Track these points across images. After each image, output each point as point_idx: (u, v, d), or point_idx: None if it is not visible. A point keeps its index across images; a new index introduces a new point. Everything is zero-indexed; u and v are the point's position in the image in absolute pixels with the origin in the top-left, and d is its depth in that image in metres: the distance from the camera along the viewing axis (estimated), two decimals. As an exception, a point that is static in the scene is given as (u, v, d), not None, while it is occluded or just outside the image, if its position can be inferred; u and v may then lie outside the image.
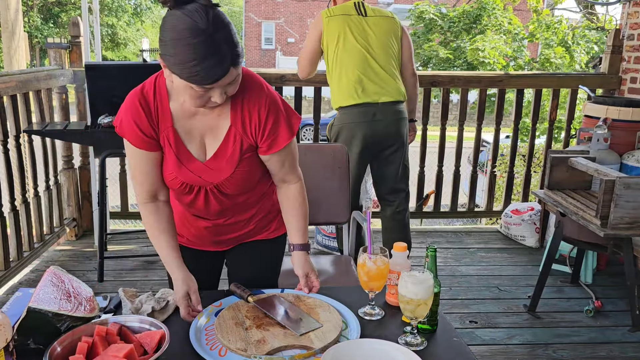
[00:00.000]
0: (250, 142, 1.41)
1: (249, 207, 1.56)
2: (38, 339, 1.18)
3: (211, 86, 1.23)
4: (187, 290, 1.39)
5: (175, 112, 1.38)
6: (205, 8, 1.19)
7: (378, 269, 1.35)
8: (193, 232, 1.61)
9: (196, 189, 1.45)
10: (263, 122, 1.39)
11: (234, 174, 1.42)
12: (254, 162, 1.45)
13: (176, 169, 1.41)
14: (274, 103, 1.40)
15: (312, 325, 1.28)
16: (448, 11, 11.57)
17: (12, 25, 7.03)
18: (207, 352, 1.22)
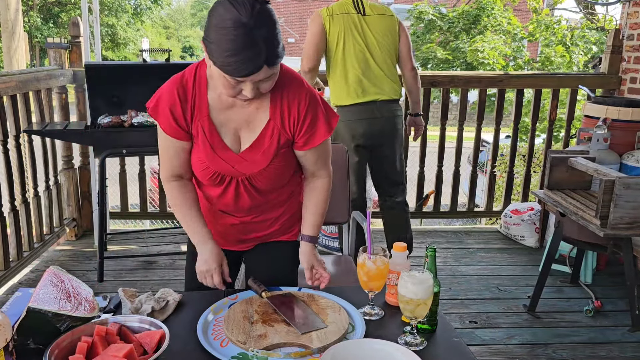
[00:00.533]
0: (287, 136, 1.42)
1: (278, 205, 1.57)
2: (38, 338, 1.18)
3: (242, 79, 1.24)
4: (220, 261, 1.46)
5: (212, 102, 1.39)
6: (253, 2, 1.20)
7: (378, 269, 1.36)
8: (219, 229, 1.60)
9: (227, 180, 1.45)
10: (302, 117, 1.40)
11: (268, 166, 1.43)
12: (289, 157, 1.47)
13: (209, 158, 1.41)
14: (313, 99, 1.41)
15: (316, 325, 1.29)
16: (448, 11, 11.57)
17: (12, 25, 7.04)
18: (210, 341, 1.25)
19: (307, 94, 1.40)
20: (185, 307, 1.41)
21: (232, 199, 1.49)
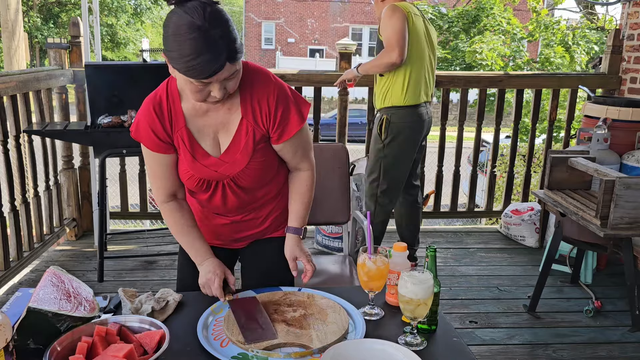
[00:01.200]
0: (262, 132, 1.44)
1: (266, 203, 1.59)
2: (38, 339, 1.18)
3: (208, 80, 1.26)
4: (222, 274, 1.47)
5: (187, 112, 1.42)
6: (204, 5, 1.23)
7: (378, 269, 1.36)
8: (211, 229, 1.62)
9: (213, 184, 1.48)
10: (273, 110, 1.42)
11: (249, 165, 1.45)
12: (269, 152, 1.48)
13: (192, 166, 1.44)
14: (282, 91, 1.43)
15: (265, 337, 1.25)
16: (448, 11, 11.58)
17: (12, 25, 7.04)
18: (210, 341, 1.25)
19: (275, 87, 1.43)
20: (185, 307, 1.41)
21: (220, 201, 1.52)
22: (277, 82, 1.44)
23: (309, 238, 3.74)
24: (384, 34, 2.80)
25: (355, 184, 3.41)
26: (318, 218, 2.31)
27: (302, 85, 3.63)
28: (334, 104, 16.18)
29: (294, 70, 3.57)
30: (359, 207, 3.41)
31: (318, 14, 25.38)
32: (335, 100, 8.13)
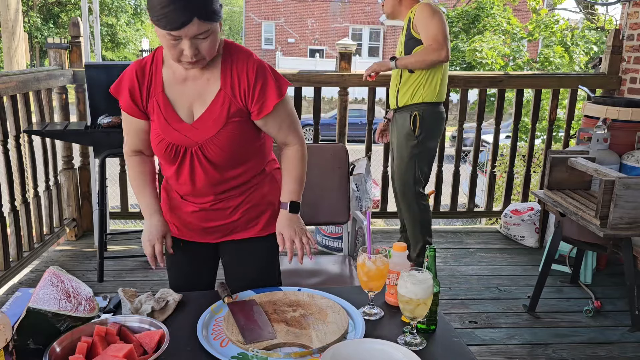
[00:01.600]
0: (239, 105, 1.45)
1: (236, 190, 1.56)
2: (38, 339, 1.18)
3: (177, 33, 1.31)
4: (164, 233, 1.56)
5: (166, 78, 1.47)
6: None
7: (377, 269, 1.36)
8: (182, 217, 1.62)
9: (181, 152, 1.48)
10: (252, 84, 1.44)
11: (218, 133, 1.45)
12: (242, 128, 1.48)
13: (163, 129, 1.47)
14: (261, 67, 1.46)
15: (263, 337, 1.25)
16: (448, 11, 11.58)
17: (12, 25, 7.04)
18: (210, 341, 1.25)
19: (255, 62, 1.45)
20: (185, 307, 1.41)
21: (188, 176, 1.51)
22: (257, 59, 1.47)
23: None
24: (428, 32, 2.81)
25: (355, 184, 3.41)
26: (318, 218, 2.31)
27: (302, 85, 3.63)
28: (334, 104, 16.18)
29: (294, 70, 3.57)
30: (359, 207, 3.41)
31: (318, 14, 25.38)
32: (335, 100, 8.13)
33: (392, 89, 3.07)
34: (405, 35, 2.93)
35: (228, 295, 1.41)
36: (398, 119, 3.04)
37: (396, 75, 3.02)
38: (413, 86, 2.93)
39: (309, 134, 14.21)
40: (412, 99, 2.94)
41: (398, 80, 3.00)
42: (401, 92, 2.99)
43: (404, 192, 3.08)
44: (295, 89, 3.64)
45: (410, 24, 2.89)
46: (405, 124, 2.98)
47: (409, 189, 3.05)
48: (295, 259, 1.54)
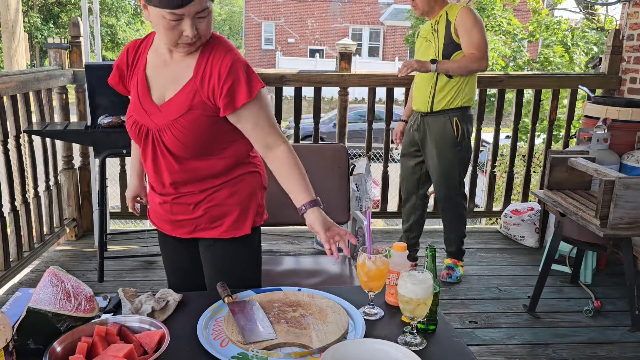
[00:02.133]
0: (202, 98, 1.45)
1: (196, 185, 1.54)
2: (38, 339, 1.18)
3: (181, 12, 1.32)
4: (136, 194, 1.81)
5: (150, 59, 1.52)
6: None
7: (378, 269, 1.35)
8: (153, 207, 1.67)
9: (144, 133, 1.51)
10: (222, 81, 1.43)
11: (176, 120, 1.45)
12: (201, 121, 1.46)
13: (134, 108, 1.53)
14: (235, 65, 1.44)
15: (264, 337, 1.25)
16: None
17: (12, 25, 7.04)
18: (210, 341, 1.25)
19: (230, 59, 1.43)
20: (185, 307, 1.41)
21: (152, 160, 1.54)
22: (235, 55, 1.45)
23: (308, 238, 3.74)
24: (472, 40, 2.78)
25: (355, 184, 3.41)
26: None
27: (302, 85, 3.63)
28: (334, 104, 16.18)
29: (294, 71, 3.57)
30: (359, 207, 3.41)
31: (318, 14, 25.38)
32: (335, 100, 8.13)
33: (423, 92, 2.94)
34: (444, 39, 2.83)
35: (228, 295, 1.41)
36: (432, 123, 2.95)
37: (430, 79, 2.89)
38: (453, 91, 2.87)
39: (309, 134, 14.24)
40: (451, 103, 2.89)
41: (433, 84, 2.88)
42: (438, 97, 2.89)
43: (449, 196, 3.05)
44: (295, 89, 3.64)
45: (450, 28, 2.81)
46: (447, 130, 2.92)
47: (456, 192, 3.05)
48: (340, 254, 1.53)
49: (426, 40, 2.94)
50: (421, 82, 2.96)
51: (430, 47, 2.90)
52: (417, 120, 3.04)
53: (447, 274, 3.13)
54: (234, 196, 1.57)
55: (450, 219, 3.14)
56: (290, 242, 3.68)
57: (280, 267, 2.30)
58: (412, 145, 3.12)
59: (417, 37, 3.05)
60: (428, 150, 3.02)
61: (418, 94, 3.00)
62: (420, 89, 2.97)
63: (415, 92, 3.04)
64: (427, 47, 2.92)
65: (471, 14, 2.81)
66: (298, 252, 3.52)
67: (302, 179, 1.50)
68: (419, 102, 2.98)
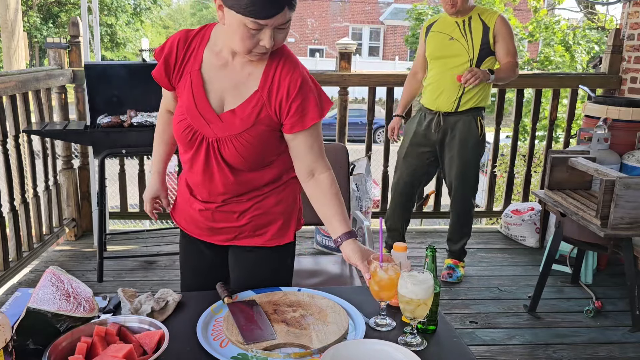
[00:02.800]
0: (269, 113, 1.39)
1: (245, 195, 1.50)
2: (37, 339, 1.18)
3: (265, 22, 1.27)
4: (156, 195, 1.68)
5: (206, 59, 1.42)
6: None
7: (390, 278, 1.30)
8: (190, 213, 1.58)
9: (198, 139, 1.42)
10: (292, 97, 1.37)
11: (240, 134, 1.38)
12: (266, 136, 1.41)
13: (189, 110, 1.42)
14: (306, 81, 1.39)
15: (264, 337, 1.25)
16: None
17: (11, 24, 7.04)
18: (210, 342, 1.24)
19: (301, 74, 1.39)
20: (185, 308, 1.41)
21: (202, 168, 1.45)
22: (303, 71, 1.40)
23: (308, 238, 3.74)
24: (509, 48, 2.85)
25: (355, 184, 3.40)
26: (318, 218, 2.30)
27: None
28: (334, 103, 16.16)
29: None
30: (359, 207, 3.41)
31: (318, 14, 25.38)
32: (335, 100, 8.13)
33: (449, 92, 2.88)
34: (481, 42, 2.81)
35: (228, 295, 1.41)
36: (457, 123, 2.91)
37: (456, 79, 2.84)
38: (480, 92, 2.88)
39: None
40: (479, 102, 2.90)
41: (460, 83, 2.81)
42: (467, 97, 2.87)
43: (466, 196, 3.06)
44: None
45: (489, 33, 2.81)
46: (472, 128, 2.91)
47: (473, 192, 3.07)
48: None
49: (450, 39, 2.87)
50: (447, 82, 2.88)
51: (458, 46, 2.85)
52: (435, 120, 2.95)
53: (447, 273, 3.13)
54: (279, 204, 1.53)
55: (462, 219, 3.14)
56: (290, 242, 3.68)
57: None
58: (422, 146, 3.04)
59: (430, 32, 2.96)
60: (450, 149, 2.97)
61: (439, 94, 2.92)
62: (443, 88, 2.90)
63: (432, 92, 2.95)
64: (453, 45, 2.86)
65: (508, 23, 2.86)
66: (298, 252, 3.52)
67: (342, 210, 1.46)
68: (441, 102, 2.92)
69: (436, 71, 2.94)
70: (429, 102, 2.97)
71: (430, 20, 3.03)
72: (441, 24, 2.94)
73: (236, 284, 1.61)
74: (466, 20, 2.86)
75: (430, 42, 2.96)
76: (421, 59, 3.09)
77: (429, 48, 2.97)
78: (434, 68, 2.96)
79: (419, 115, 3.06)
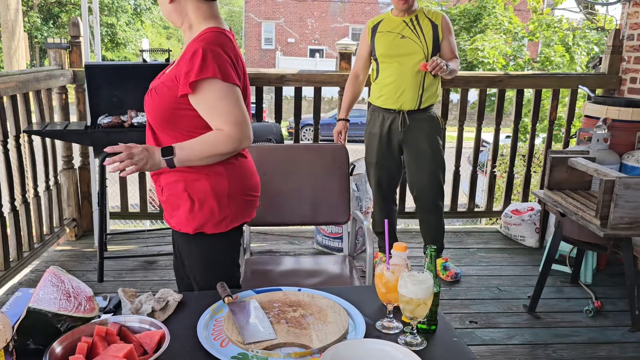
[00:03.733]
0: (171, 74, 1.53)
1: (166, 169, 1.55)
2: (38, 339, 1.18)
3: None
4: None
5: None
6: None
7: (397, 280, 1.29)
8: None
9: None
10: (185, 60, 1.48)
11: (153, 88, 1.57)
12: (166, 95, 1.52)
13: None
14: (199, 48, 1.47)
15: (264, 337, 1.25)
16: (449, 9, 11.57)
17: (12, 25, 7.04)
18: (210, 341, 1.25)
19: (199, 44, 1.48)
20: (185, 307, 1.41)
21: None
22: (205, 42, 1.48)
23: (308, 238, 3.74)
24: (453, 44, 2.95)
25: (355, 184, 3.41)
26: (318, 218, 2.31)
27: (302, 85, 3.63)
28: (334, 103, 16.18)
29: (294, 70, 3.57)
30: (359, 207, 3.41)
31: (318, 14, 25.39)
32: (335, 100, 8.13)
33: (411, 90, 2.87)
34: (432, 39, 2.84)
35: (228, 295, 1.41)
36: (422, 120, 2.93)
37: (418, 78, 2.85)
38: (434, 88, 2.91)
39: (309, 134, 14.23)
40: (435, 99, 2.94)
41: (420, 82, 2.84)
42: (426, 94, 2.89)
43: (439, 193, 3.04)
44: (295, 89, 3.64)
45: (438, 30, 2.85)
46: (435, 124, 2.94)
47: (442, 189, 3.05)
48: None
49: (402, 37, 2.85)
50: (407, 80, 2.85)
51: (411, 44, 2.84)
52: (400, 119, 2.91)
53: (450, 275, 3.12)
54: (188, 188, 1.58)
55: (437, 218, 3.09)
56: (290, 242, 3.68)
57: (280, 267, 2.30)
58: (390, 146, 3.00)
59: (377, 32, 2.92)
60: (416, 147, 2.96)
61: (401, 93, 2.87)
62: (405, 87, 2.86)
63: (393, 91, 2.89)
64: (406, 43, 2.85)
65: (450, 22, 2.96)
66: (298, 252, 3.52)
67: (194, 145, 1.52)
68: (404, 101, 2.88)
69: (392, 71, 2.89)
70: (390, 102, 2.91)
71: (374, 21, 2.96)
72: (388, 23, 2.91)
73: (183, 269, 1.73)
74: (413, 18, 2.87)
75: (379, 42, 2.91)
76: (363, 61, 3.04)
77: (379, 48, 2.91)
78: (388, 68, 2.90)
79: (378, 118, 2.99)
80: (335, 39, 23.96)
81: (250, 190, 1.66)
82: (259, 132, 3.19)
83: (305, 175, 2.29)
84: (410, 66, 2.84)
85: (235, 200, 1.61)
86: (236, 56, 1.54)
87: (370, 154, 3.07)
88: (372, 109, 3.04)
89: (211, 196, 1.58)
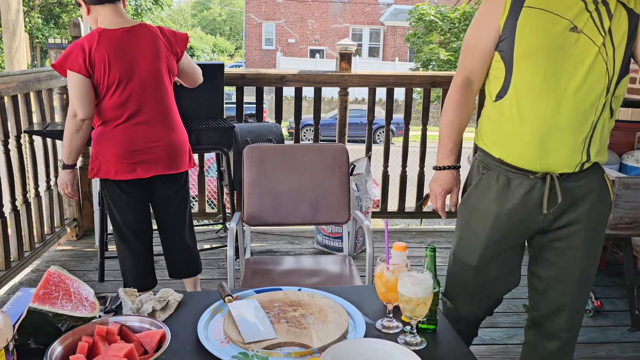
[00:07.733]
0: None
1: None
2: (39, 338, 1.19)
3: None
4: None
5: None
6: None
7: (397, 280, 1.29)
8: None
9: None
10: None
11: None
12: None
13: None
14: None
15: (264, 336, 1.25)
16: (448, 12, 11.58)
17: (13, 25, 7.05)
18: (211, 341, 1.25)
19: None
20: (185, 307, 1.42)
21: None
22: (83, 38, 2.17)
23: (308, 238, 3.75)
24: None
25: (355, 184, 3.41)
26: (318, 218, 2.31)
27: (303, 86, 3.63)
28: (334, 104, 16.18)
29: (294, 71, 3.57)
30: (359, 207, 3.41)
31: (318, 15, 25.39)
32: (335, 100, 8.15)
33: (571, 137, 1.48)
34: (625, 47, 1.47)
35: (228, 295, 1.42)
36: (585, 190, 1.55)
37: (590, 114, 1.48)
38: (608, 132, 1.60)
39: (309, 134, 14.24)
40: (605, 151, 1.59)
41: (593, 123, 1.50)
42: (595, 145, 1.52)
43: (581, 312, 1.86)
44: (295, 89, 3.65)
45: (638, 26, 1.46)
46: (606, 196, 1.61)
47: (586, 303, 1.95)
48: None
49: (571, 28, 1.42)
50: (564, 113, 1.46)
51: (586, 47, 1.43)
52: (545, 190, 1.52)
53: None
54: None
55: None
56: (290, 242, 3.68)
57: (280, 267, 2.30)
58: (516, 236, 1.70)
59: (524, 6, 1.45)
60: (570, 240, 1.62)
61: (549, 138, 1.48)
62: (559, 127, 1.47)
63: (531, 132, 1.49)
64: (577, 43, 1.43)
65: None
66: (298, 252, 3.53)
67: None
68: (559, 158, 1.50)
69: (538, 90, 1.47)
70: (526, 157, 1.53)
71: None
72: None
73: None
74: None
75: (527, 26, 1.45)
76: (484, 57, 1.60)
77: (524, 39, 1.46)
78: (527, 82, 1.49)
79: (497, 180, 1.61)
80: (335, 39, 23.98)
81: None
82: (259, 132, 3.19)
83: (305, 175, 2.29)
84: (574, 89, 1.45)
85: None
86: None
87: (466, 246, 1.72)
88: (481, 161, 1.71)
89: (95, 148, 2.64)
